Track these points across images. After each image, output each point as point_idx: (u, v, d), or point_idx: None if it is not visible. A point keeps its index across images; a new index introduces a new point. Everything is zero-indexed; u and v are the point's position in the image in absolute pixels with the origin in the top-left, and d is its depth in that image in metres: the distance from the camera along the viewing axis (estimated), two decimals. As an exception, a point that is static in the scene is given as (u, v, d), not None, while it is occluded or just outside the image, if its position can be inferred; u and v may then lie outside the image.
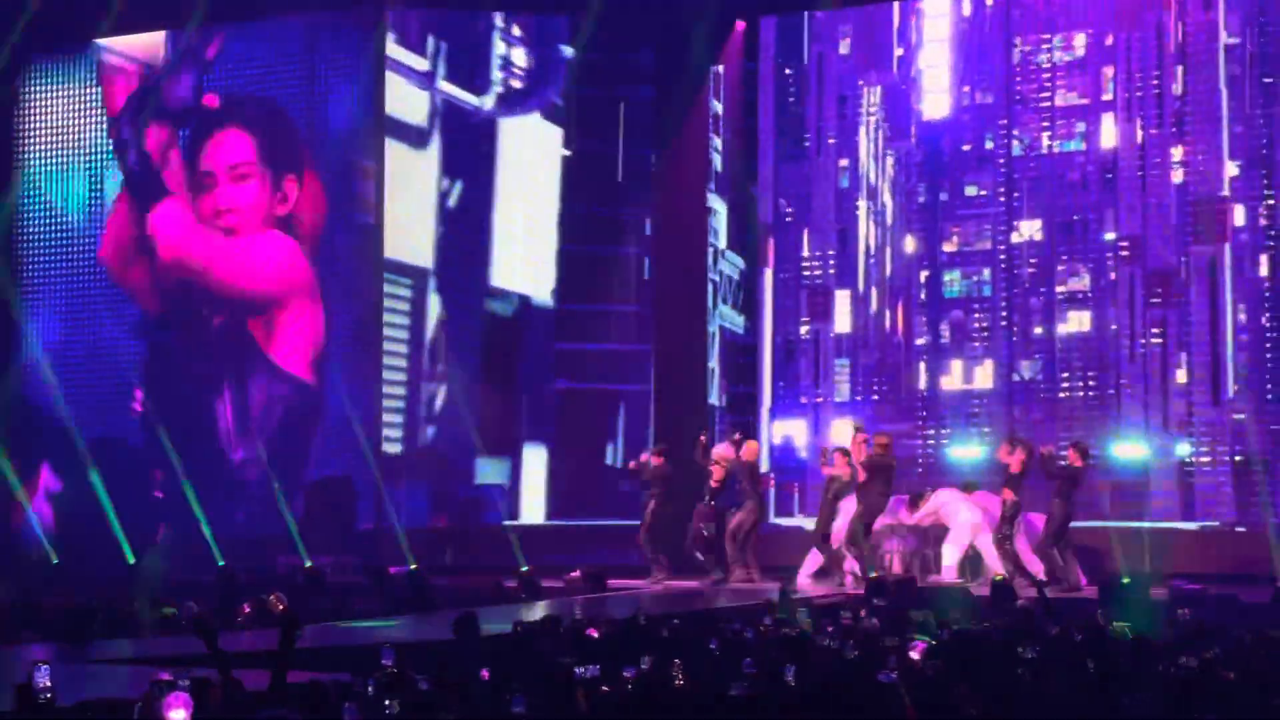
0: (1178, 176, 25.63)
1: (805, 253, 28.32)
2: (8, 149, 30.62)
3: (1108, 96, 26.37)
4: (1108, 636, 13.88)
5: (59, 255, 30.38)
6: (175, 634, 17.27)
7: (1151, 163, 25.84)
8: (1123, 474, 25.38)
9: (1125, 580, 19.91)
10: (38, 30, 28.85)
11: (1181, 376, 25.45)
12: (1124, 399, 25.67)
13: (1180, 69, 25.74)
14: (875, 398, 27.65)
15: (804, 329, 28.16)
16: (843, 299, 28.13)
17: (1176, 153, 25.69)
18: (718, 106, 28.86)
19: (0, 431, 28.76)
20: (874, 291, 27.94)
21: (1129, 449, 25.48)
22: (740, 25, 28.19)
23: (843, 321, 28.13)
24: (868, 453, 22.45)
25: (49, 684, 9.55)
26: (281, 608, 11.46)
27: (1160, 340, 25.53)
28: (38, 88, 30.69)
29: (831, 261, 28.18)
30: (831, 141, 28.31)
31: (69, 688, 10.10)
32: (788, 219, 28.57)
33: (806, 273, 28.30)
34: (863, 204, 28.16)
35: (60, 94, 30.57)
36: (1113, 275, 26.08)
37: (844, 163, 28.36)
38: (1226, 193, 25.28)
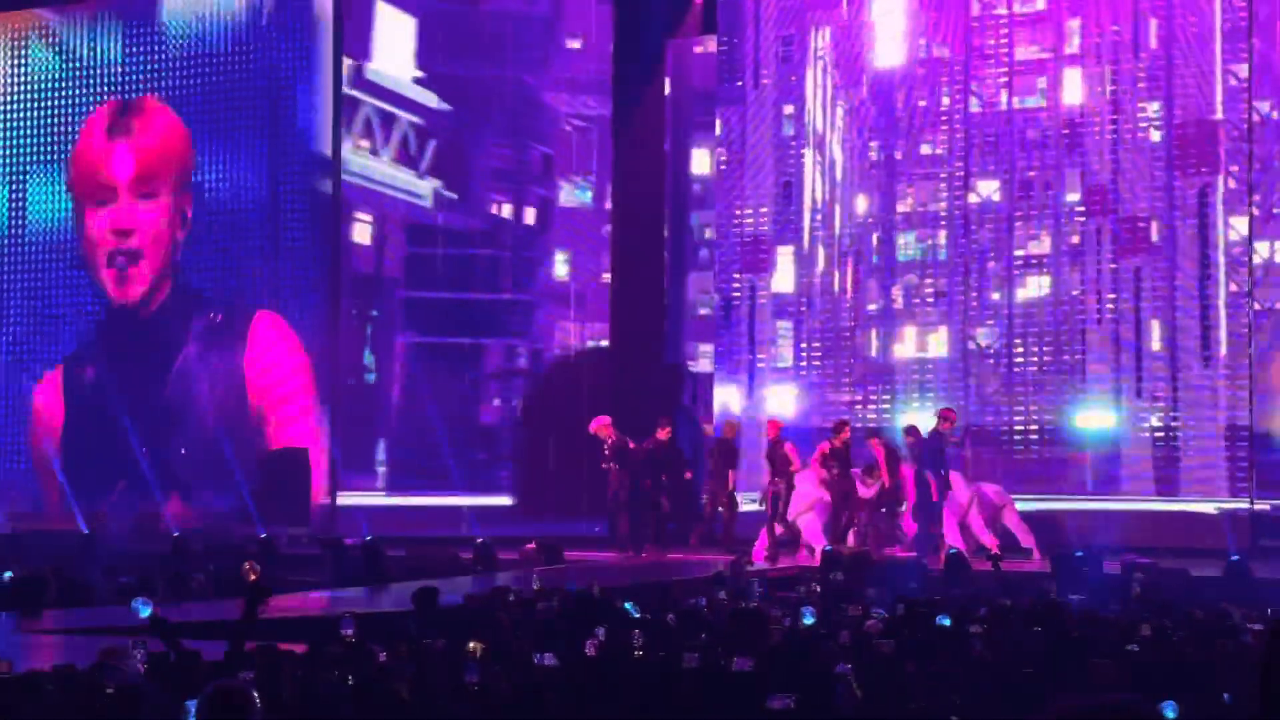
0: (1155, 135, 24.46)
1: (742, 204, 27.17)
2: None
3: (1071, 50, 25.20)
4: (1060, 608, 13.95)
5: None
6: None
7: (1125, 116, 24.59)
8: (1089, 446, 24.54)
9: (1078, 554, 20.00)
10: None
11: (1157, 336, 24.30)
12: (1089, 365, 24.58)
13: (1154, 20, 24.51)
14: (818, 364, 26.52)
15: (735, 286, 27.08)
16: (785, 256, 26.94)
17: (1151, 107, 24.55)
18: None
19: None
20: (820, 251, 26.69)
21: (1095, 419, 24.57)
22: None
23: (784, 280, 26.96)
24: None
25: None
26: (254, 577, 11.40)
27: (1133, 298, 24.36)
28: None
29: (764, 214, 26.95)
30: (766, 83, 27.00)
31: (22, 657, 10.06)
32: (722, 166, 27.49)
33: (738, 224, 27.14)
34: (809, 155, 26.80)
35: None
36: (1075, 239, 24.97)
37: (789, 109, 27.05)
38: (1219, 115, 23.99)
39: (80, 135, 30.51)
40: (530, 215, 30.34)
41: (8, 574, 17.71)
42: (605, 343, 29.62)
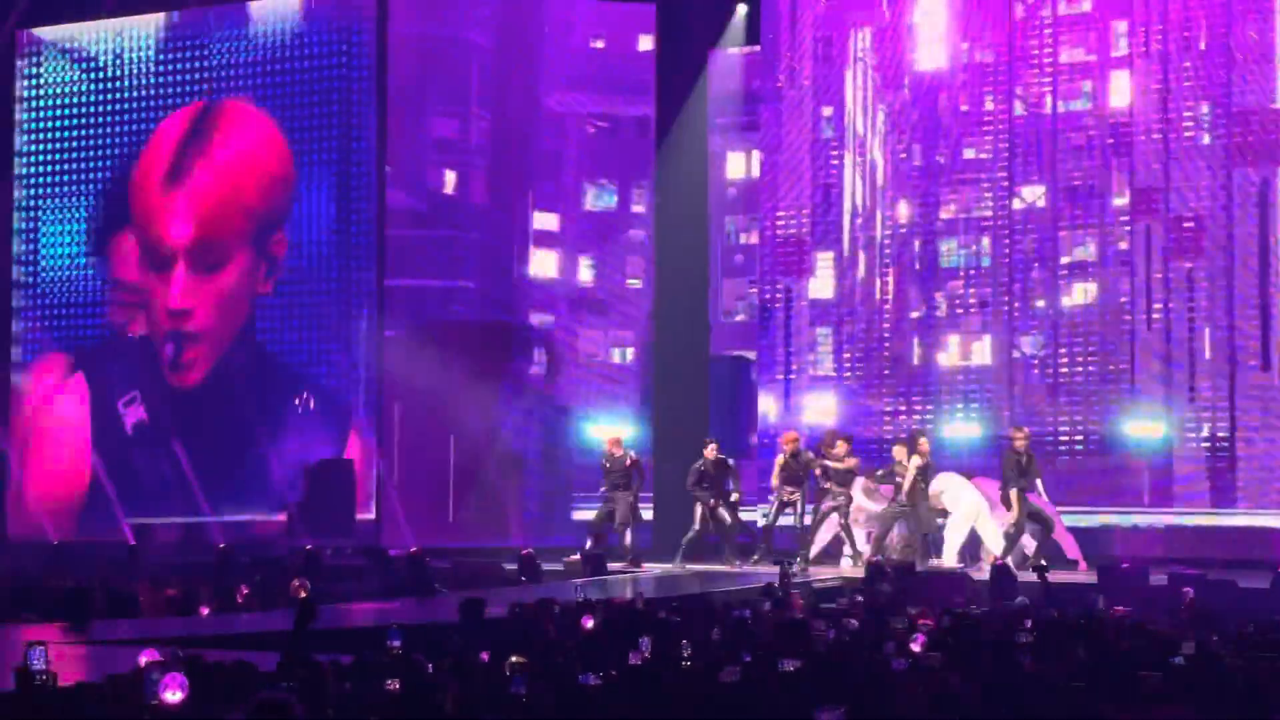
0: (1206, 138, 23.98)
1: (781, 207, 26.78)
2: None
3: (1118, 52, 24.71)
4: (1106, 621, 13.87)
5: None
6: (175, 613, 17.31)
7: (1176, 117, 24.08)
8: (1139, 456, 24.06)
9: (1124, 565, 19.88)
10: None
11: (1210, 341, 23.68)
12: (1138, 373, 24.09)
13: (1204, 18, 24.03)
14: (860, 372, 26.11)
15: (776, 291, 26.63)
16: (825, 261, 26.53)
17: (1203, 108, 24.04)
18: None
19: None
20: (861, 256, 26.31)
21: (1145, 428, 24.06)
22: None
23: (823, 286, 26.58)
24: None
25: (45, 666, 9.53)
26: (304, 593, 11.55)
27: (1185, 302, 23.83)
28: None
29: (805, 216, 26.57)
30: (807, 83, 26.70)
31: (70, 669, 10.09)
32: (761, 169, 27.22)
33: (783, 227, 26.73)
34: (849, 158, 26.43)
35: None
36: (1123, 244, 24.48)
37: (828, 112, 26.69)
38: (1280, 104, 23.49)
39: (135, 174, 29.70)
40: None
41: None
42: (631, 351, 29.36)
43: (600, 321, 29.56)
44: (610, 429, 25.62)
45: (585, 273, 29.85)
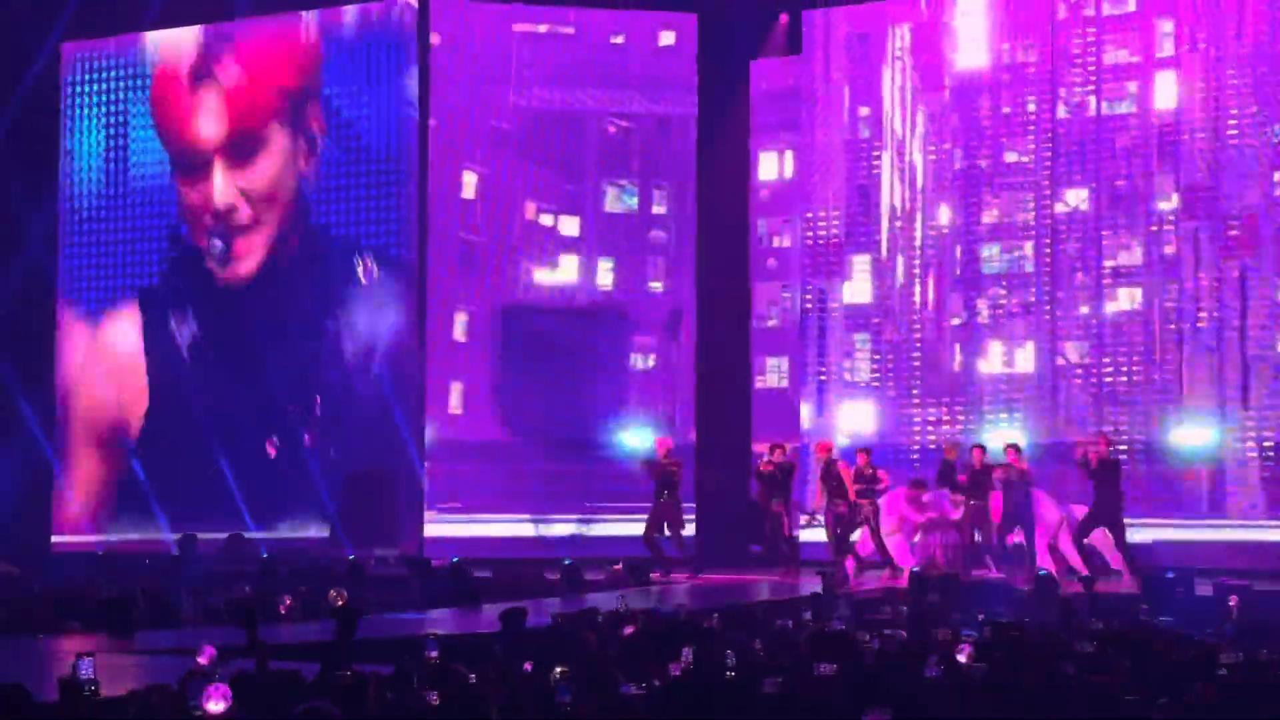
0: (1254, 138, 23.57)
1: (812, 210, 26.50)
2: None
3: (1164, 53, 24.39)
4: (1151, 631, 13.78)
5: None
6: (219, 624, 17.34)
7: (1225, 116, 23.72)
8: (1188, 465, 23.69)
9: (1169, 575, 19.76)
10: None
11: (1258, 346, 23.31)
12: (1186, 379, 23.75)
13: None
14: (898, 379, 25.76)
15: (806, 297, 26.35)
16: (861, 265, 26.23)
17: (1253, 108, 23.66)
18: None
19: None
20: (900, 261, 26.03)
21: (1194, 436, 23.69)
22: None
23: (861, 290, 26.29)
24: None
25: (93, 675, 9.57)
26: (341, 603, 11.60)
27: (1237, 305, 23.39)
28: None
29: (835, 219, 26.32)
30: (838, 78, 26.38)
31: (113, 679, 10.11)
32: (795, 170, 26.92)
33: (824, 228, 26.38)
34: (887, 158, 26.12)
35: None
36: (1168, 249, 24.13)
37: (864, 111, 26.42)
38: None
39: (155, 74, 29.45)
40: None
41: None
42: (652, 357, 29.02)
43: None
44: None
45: (605, 277, 29.26)
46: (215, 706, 8.62)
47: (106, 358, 29.73)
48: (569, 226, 28.96)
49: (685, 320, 28.26)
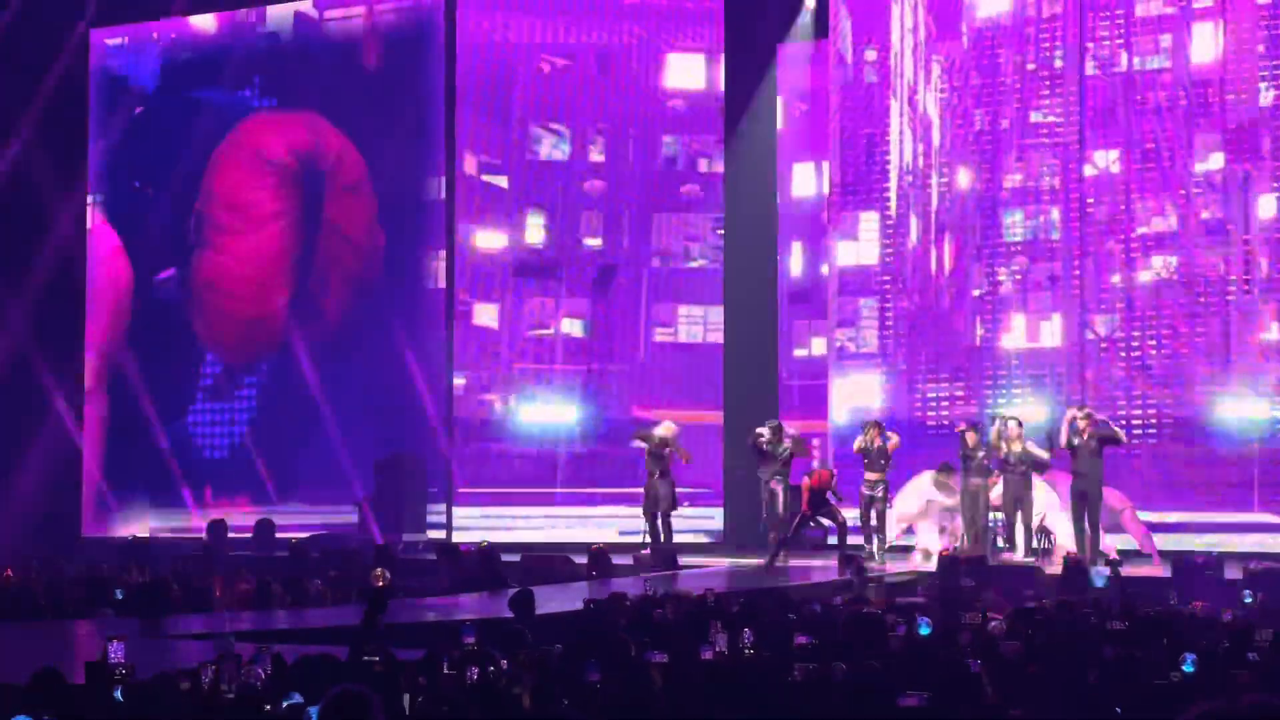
0: None
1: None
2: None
3: (1201, 3, 22.67)
4: (1181, 614, 13.74)
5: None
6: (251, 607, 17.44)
7: (1269, 72, 22.12)
8: (1228, 444, 22.42)
9: (1199, 559, 19.65)
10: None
11: None
12: (1229, 354, 22.29)
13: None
14: (910, 351, 24.24)
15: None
16: (868, 223, 24.66)
17: None
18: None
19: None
20: (914, 221, 24.34)
21: (1236, 412, 22.37)
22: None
23: (867, 250, 24.70)
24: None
25: (124, 659, 9.60)
26: (383, 583, 11.61)
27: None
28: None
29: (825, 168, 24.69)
30: (844, 22, 24.77)
31: (145, 663, 10.14)
32: (798, 114, 25.59)
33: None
34: (895, 107, 24.41)
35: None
36: (1205, 214, 22.52)
37: (871, 55, 24.73)
38: None
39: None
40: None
41: None
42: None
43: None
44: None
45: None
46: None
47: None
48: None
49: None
